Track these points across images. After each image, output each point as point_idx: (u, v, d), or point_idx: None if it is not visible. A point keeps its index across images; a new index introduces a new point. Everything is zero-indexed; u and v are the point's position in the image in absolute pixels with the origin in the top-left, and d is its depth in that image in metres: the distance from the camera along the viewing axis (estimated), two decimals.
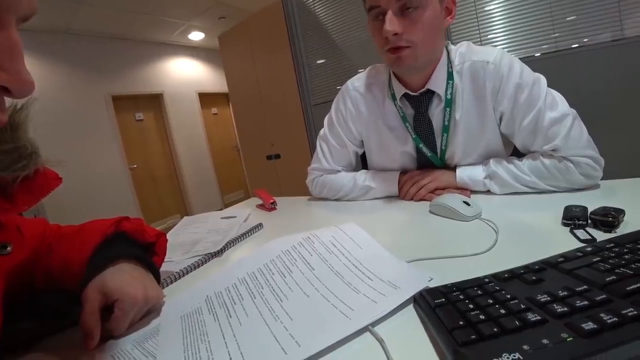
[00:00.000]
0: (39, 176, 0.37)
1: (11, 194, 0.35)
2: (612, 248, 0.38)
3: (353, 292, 0.42)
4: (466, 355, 0.26)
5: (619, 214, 0.49)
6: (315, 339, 0.35)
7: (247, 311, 0.43)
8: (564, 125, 0.68)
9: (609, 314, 0.27)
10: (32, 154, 0.36)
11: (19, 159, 0.34)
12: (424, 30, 0.70)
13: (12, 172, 0.34)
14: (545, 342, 0.25)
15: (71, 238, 0.51)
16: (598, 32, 1.64)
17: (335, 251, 0.52)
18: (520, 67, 0.73)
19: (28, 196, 0.36)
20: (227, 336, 0.39)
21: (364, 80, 0.93)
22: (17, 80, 0.25)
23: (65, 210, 3.63)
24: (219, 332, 0.40)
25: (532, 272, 0.36)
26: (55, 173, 0.40)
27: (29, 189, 0.36)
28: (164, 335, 0.42)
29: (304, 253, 0.53)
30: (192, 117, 5.49)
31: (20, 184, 0.35)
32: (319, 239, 0.56)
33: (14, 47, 0.25)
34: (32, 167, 0.36)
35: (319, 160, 1.01)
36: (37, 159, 0.36)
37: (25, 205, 0.36)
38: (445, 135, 0.82)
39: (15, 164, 0.34)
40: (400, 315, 0.37)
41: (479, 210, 0.64)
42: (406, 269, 0.46)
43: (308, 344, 0.34)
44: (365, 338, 0.35)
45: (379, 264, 0.48)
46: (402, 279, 0.43)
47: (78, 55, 4.18)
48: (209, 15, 4.37)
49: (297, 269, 0.50)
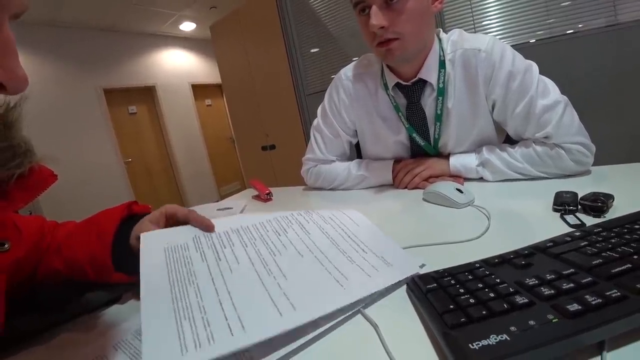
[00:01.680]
0: (34, 173, 0.38)
1: (6, 192, 0.35)
2: (600, 232, 0.39)
3: (347, 262, 0.43)
4: (455, 337, 0.27)
5: (608, 199, 0.50)
6: (311, 305, 0.35)
7: (238, 258, 0.42)
8: (556, 113, 0.69)
9: (593, 296, 0.28)
10: (27, 152, 0.36)
11: (13, 157, 0.34)
12: (410, 21, 0.70)
13: (6, 170, 0.34)
14: (531, 324, 0.26)
15: (85, 230, 0.53)
16: (592, 18, 1.63)
17: (332, 223, 0.53)
18: (512, 55, 0.73)
19: (23, 193, 0.36)
20: (217, 282, 0.38)
21: (356, 70, 0.93)
22: (12, 77, 0.25)
23: (62, 206, 3.60)
24: (208, 274, 0.39)
25: (521, 256, 0.37)
26: (50, 170, 0.40)
27: (24, 187, 0.36)
28: (146, 268, 0.40)
29: (301, 220, 0.54)
30: (186, 109, 5.43)
31: (15, 182, 0.36)
32: (318, 213, 0.56)
33: (8, 44, 0.25)
34: (27, 165, 0.36)
35: (313, 150, 1.01)
36: (32, 157, 0.37)
37: (21, 203, 0.36)
38: (438, 124, 0.82)
39: (9, 162, 0.34)
40: (393, 301, 0.38)
41: (471, 198, 0.65)
42: (400, 252, 0.47)
43: (303, 309, 0.34)
44: (358, 321, 0.36)
45: (374, 241, 0.48)
46: (396, 259, 0.44)
47: (67, 48, 4.09)
48: (200, 5, 4.29)
49: (292, 231, 0.50)
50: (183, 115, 5.36)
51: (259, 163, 3.27)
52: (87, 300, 0.50)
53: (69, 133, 4.04)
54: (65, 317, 0.48)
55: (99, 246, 0.50)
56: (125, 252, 0.51)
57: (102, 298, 0.51)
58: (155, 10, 4.21)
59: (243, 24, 2.98)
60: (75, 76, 4.18)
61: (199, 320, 0.33)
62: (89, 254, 0.50)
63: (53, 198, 3.52)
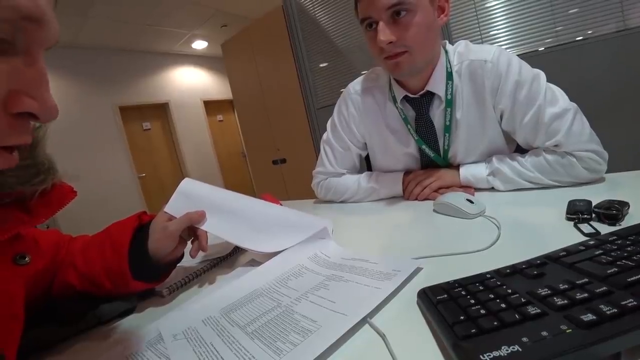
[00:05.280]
0: (55, 190, 0.40)
1: (29, 207, 0.37)
2: (614, 241, 0.38)
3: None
4: (466, 348, 0.26)
5: (623, 207, 0.49)
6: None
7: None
8: (565, 121, 0.68)
9: (608, 305, 0.27)
10: (50, 169, 0.38)
11: (37, 174, 0.37)
12: (417, 35, 0.71)
13: (30, 186, 0.36)
14: (544, 334, 0.26)
15: (99, 244, 0.55)
16: (601, 24, 1.62)
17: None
18: (518, 64, 0.73)
19: (45, 209, 0.38)
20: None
21: (364, 83, 0.94)
22: (45, 108, 0.27)
23: (77, 220, 3.68)
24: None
25: (533, 266, 0.37)
26: (70, 187, 0.42)
27: (46, 203, 0.38)
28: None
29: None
30: (198, 124, 5.55)
31: (38, 198, 0.38)
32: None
33: (41, 76, 0.27)
34: (50, 182, 0.38)
35: (323, 163, 1.02)
36: (55, 174, 0.39)
37: (42, 218, 0.38)
38: (447, 135, 0.82)
39: (33, 178, 0.36)
40: (402, 311, 0.38)
41: (482, 208, 0.64)
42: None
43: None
44: (366, 333, 0.36)
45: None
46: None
47: (85, 68, 4.27)
48: (211, 24, 4.43)
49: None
50: (195, 130, 5.48)
51: (270, 177, 3.30)
52: (102, 311, 0.51)
53: (86, 149, 4.17)
54: (81, 328, 0.50)
55: (115, 257, 0.51)
56: (141, 260, 0.53)
57: (118, 308, 0.52)
58: (168, 30, 4.36)
59: (253, 41, 3.06)
60: (92, 94, 4.34)
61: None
62: (105, 266, 0.52)
63: (69, 212, 3.58)
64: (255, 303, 0.46)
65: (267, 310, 0.44)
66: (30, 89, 0.26)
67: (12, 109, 0.25)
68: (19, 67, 0.25)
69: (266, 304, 0.45)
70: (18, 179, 0.35)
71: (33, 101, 0.26)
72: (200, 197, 0.67)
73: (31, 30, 0.25)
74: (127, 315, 0.53)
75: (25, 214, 0.36)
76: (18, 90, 0.25)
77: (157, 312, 0.53)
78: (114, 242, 0.53)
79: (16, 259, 0.38)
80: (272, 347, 0.35)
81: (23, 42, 0.25)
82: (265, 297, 0.47)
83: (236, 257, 0.72)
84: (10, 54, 0.25)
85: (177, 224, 0.57)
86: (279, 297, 0.47)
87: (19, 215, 0.36)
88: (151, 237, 0.55)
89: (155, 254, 0.55)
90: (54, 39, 0.28)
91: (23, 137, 0.28)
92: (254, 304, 0.46)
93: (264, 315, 0.42)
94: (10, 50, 0.25)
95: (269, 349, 0.35)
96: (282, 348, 0.35)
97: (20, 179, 0.35)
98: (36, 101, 0.26)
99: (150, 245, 0.54)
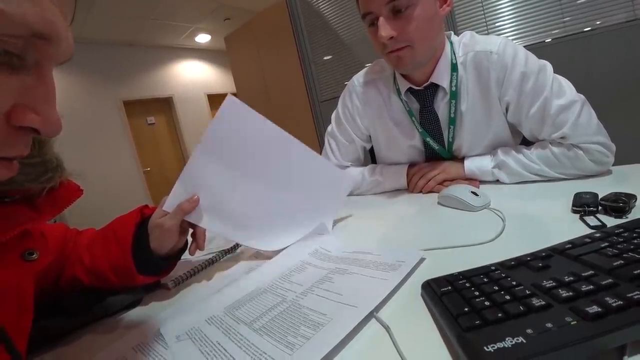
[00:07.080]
0: (62, 188, 0.40)
1: (37, 204, 0.38)
2: (621, 233, 0.38)
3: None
4: (470, 339, 0.26)
5: (630, 199, 0.49)
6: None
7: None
8: (572, 112, 0.67)
9: (614, 298, 0.27)
10: (57, 167, 0.39)
11: (45, 172, 0.37)
12: (419, 28, 0.70)
13: (38, 184, 0.37)
14: (549, 326, 0.26)
15: (103, 240, 0.56)
16: (611, 14, 1.59)
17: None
18: (524, 55, 0.72)
19: (52, 207, 0.39)
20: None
21: (368, 76, 0.93)
22: (47, 124, 0.27)
23: (84, 216, 3.71)
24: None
25: (538, 259, 0.36)
26: (77, 185, 0.43)
27: (53, 201, 0.39)
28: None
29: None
30: (202, 118, 5.55)
31: (45, 196, 0.38)
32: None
33: (49, 92, 0.27)
34: (57, 180, 0.39)
35: (328, 156, 1.02)
36: (62, 172, 0.39)
37: (49, 215, 0.38)
38: (451, 127, 0.81)
39: (41, 176, 0.37)
40: (406, 303, 0.38)
41: (487, 200, 0.64)
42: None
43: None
44: (370, 325, 0.36)
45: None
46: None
47: (88, 63, 4.28)
48: (214, 17, 4.41)
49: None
50: (199, 124, 5.48)
51: None
52: (109, 304, 0.52)
53: (91, 143, 4.20)
54: (88, 320, 0.51)
55: (120, 253, 0.52)
56: (145, 254, 0.54)
57: (124, 301, 0.53)
58: (172, 23, 4.35)
59: (257, 34, 3.04)
60: (96, 89, 4.36)
61: None
62: (110, 262, 0.53)
63: (76, 206, 3.57)
64: (259, 299, 0.46)
65: (273, 305, 0.43)
66: (36, 104, 0.26)
67: (15, 122, 0.25)
68: (27, 81, 0.25)
69: (271, 300, 0.45)
70: (26, 177, 0.35)
71: (37, 116, 0.26)
72: (205, 179, 0.61)
73: (42, 47, 0.25)
74: (133, 307, 0.54)
75: (33, 211, 0.37)
76: (24, 104, 0.25)
77: (162, 304, 0.54)
78: (118, 238, 0.54)
79: (25, 256, 0.39)
80: (283, 341, 0.35)
81: (34, 57, 0.25)
82: (269, 294, 0.47)
83: (241, 248, 0.72)
84: (19, 69, 0.24)
85: (171, 219, 0.56)
86: (284, 292, 0.47)
87: (27, 213, 0.37)
88: (151, 236, 0.56)
89: (157, 250, 0.55)
90: (67, 56, 0.28)
91: (21, 149, 0.28)
92: (258, 301, 0.46)
93: (270, 311, 0.42)
94: (20, 65, 0.24)
95: (280, 344, 0.35)
96: (295, 342, 0.34)
97: (29, 176, 0.36)
98: (40, 116, 0.26)
99: (152, 243, 0.55)
